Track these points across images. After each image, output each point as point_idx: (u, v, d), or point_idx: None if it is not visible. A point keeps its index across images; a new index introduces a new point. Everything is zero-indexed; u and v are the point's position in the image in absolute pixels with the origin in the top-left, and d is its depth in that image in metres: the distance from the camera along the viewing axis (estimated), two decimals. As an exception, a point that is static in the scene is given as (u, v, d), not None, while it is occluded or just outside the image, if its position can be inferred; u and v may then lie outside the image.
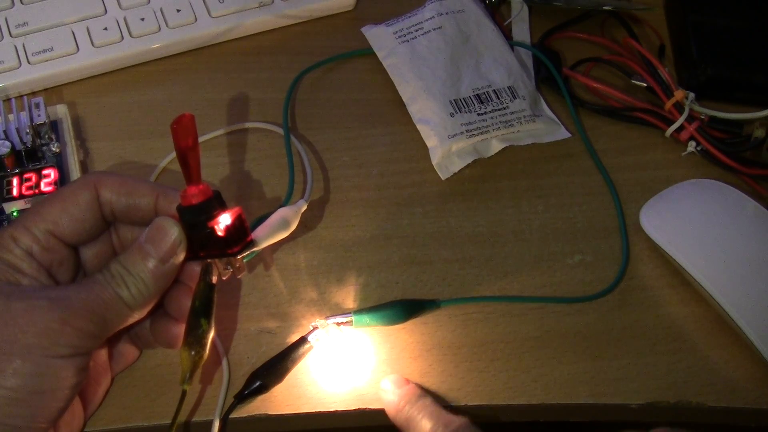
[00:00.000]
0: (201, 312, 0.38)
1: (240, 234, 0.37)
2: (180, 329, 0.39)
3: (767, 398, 0.43)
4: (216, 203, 0.37)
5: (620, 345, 0.45)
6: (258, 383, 0.41)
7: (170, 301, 0.40)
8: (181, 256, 0.37)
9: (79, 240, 0.39)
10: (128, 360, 0.42)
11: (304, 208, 0.43)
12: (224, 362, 0.42)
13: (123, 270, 0.36)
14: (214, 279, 0.39)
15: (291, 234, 0.48)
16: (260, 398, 0.41)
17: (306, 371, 0.43)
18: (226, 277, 0.39)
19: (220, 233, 0.37)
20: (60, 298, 0.35)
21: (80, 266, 0.40)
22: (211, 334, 0.38)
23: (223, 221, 0.37)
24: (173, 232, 0.37)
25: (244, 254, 0.38)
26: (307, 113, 0.53)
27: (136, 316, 0.37)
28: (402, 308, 0.44)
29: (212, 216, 0.37)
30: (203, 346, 0.38)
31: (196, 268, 0.39)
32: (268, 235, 0.39)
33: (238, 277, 0.39)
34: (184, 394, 0.39)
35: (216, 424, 0.40)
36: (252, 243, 0.38)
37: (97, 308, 0.35)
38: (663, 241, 0.47)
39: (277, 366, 0.42)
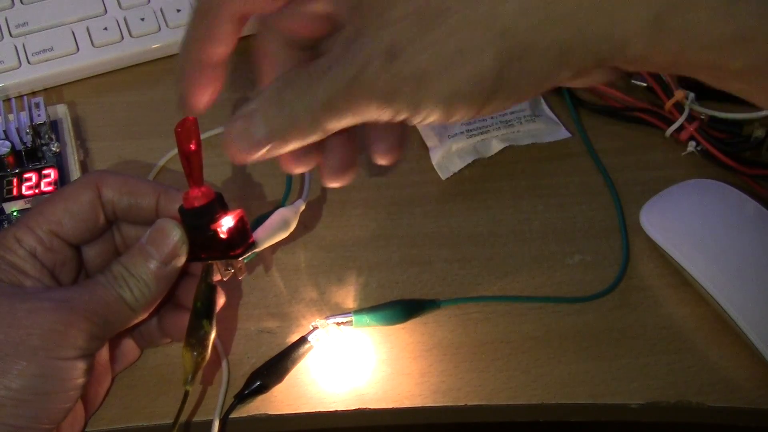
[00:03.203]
0: (202, 313, 0.38)
1: (242, 236, 0.37)
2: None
3: (767, 398, 0.43)
4: (218, 205, 0.37)
5: (620, 345, 0.45)
6: (258, 383, 0.41)
7: (183, 293, 0.40)
8: (183, 258, 0.37)
9: (82, 240, 0.39)
10: (129, 359, 0.42)
11: (303, 207, 0.43)
12: (224, 362, 0.42)
13: (125, 271, 0.36)
14: (216, 279, 0.39)
15: (291, 234, 0.48)
16: (260, 398, 0.41)
17: (306, 371, 0.43)
18: (227, 277, 0.39)
19: (222, 236, 0.37)
20: (64, 299, 0.35)
21: (82, 266, 0.40)
22: (213, 335, 0.38)
23: (226, 224, 0.37)
24: (175, 233, 0.37)
25: (246, 256, 0.38)
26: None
27: (138, 318, 0.37)
28: (402, 308, 0.44)
29: (214, 219, 0.37)
30: (205, 347, 0.38)
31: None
32: (268, 236, 0.40)
33: (239, 278, 0.40)
34: (186, 394, 0.39)
35: (216, 424, 0.40)
36: (253, 245, 0.38)
37: (100, 310, 0.35)
38: (663, 241, 0.47)
39: (277, 366, 0.42)
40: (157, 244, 0.37)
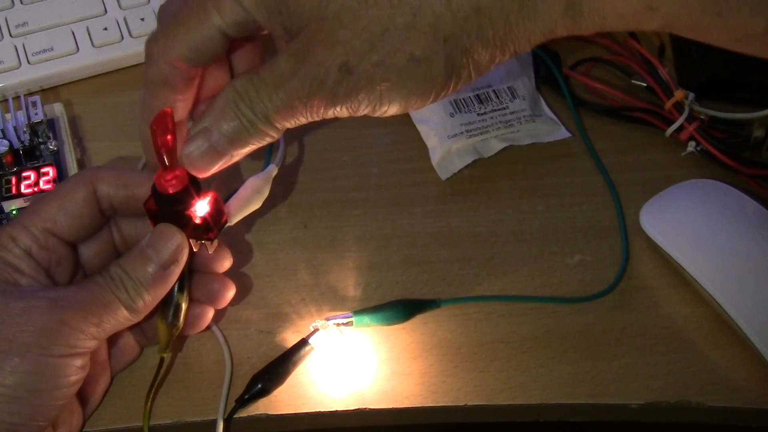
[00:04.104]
0: (175, 285, 0.38)
1: (216, 219, 0.38)
2: (205, 311, 0.41)
3: (767, 398, 0.43)
4: (192, 189, 0.36)
5: (620, 345, 0.45)
6: (259, 386, 0.41)
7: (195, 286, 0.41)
8: (183, 262, 0.37)
9: (77, 237, 0.39)
10: (128, 358, 0.42)
11: (275, 172, 0.42)
12: (227, 363, 0.42)
13: (123, 273, 0.36)
14: (195, 250, 0.39)
15: (291, 233, 0.48)
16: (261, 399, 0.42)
17: (306, 372, 0.43)
18: (197, 248, 0.39)
19: (197, 221, 0.37)
20: (59, 298, 0.35)
21: (79, 266, 0.40)
22: (185, 306, 0.39)
23: (201, 210, 0.37)
24: (176, 238, 0.37)
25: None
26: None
27: (134, 320, 0.37)
28: (402, 308, 0.44)
29: (189, 205, 0.36)
30: (178, 317, 0.39)
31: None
32: (240, 210, 0.40)
33: (210, 252, 0.40)
34: (162, 361, 0.40)
35: (220, 425, 0.40)
36: (226, 222, 0.39)
37: (95, 310, 0.35)
38: (663, 241, 0.47)
39: (277, 369, 0.42)
40: (158, 248, 0.37)
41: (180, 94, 0.37)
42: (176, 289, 0.39)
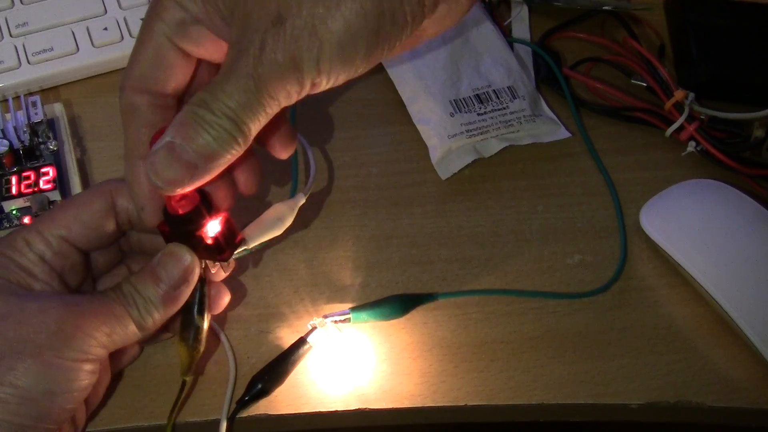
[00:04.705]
0: (195, 308, 0.38)
1: (228, 239, 0.37)
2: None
3: (767, 398, 0.43)
4: (203, 209, 0.36)
5: (620, 345, 0.45)
6: (259, 387, 0.41)
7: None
8: (193, 283, 0.38)
9: (90, 246, 0.39)
10: (129, 357, 0.42)
11: (302, 201, 0.42)
12: (232, 364, 0.42)
13: (134, 291, 0.36)
14: (214, 271, 0.39)
15: (291, 233, 0.48)
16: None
17: (306, 371, 0.43)
18: (215, 270, 0.39)
19: (208, 242, 0.37)
20: (74, 303, 0.35)
21: (89, 271, 0.40)
22: (206, 327, 0.39)
23: (212, 230, 0.37)
24: (186, 259, 0.37)
25: (237, 253, 0.38)
26: (308, 113, 0.53)
27: (142, 336, 0.37)
28: (399, 302, 0.44)
29: (200, 225, 0.36)
30: (199, 340, 0.39)
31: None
32: (259, 234, 0.39)
33: (226, 273, 0.39)
34: (184, 384, 0.40)
35: (223, 425, 0.40)
36: (242, 242, 0.38)
37: (108, 320, 0.36)
38: (663, 241, 0.47)
39: (277, 369, 0.42)
40: (168, 269, 0.37)
41: (153, 123, 0.36)
42: (196, 311, 0.38)
